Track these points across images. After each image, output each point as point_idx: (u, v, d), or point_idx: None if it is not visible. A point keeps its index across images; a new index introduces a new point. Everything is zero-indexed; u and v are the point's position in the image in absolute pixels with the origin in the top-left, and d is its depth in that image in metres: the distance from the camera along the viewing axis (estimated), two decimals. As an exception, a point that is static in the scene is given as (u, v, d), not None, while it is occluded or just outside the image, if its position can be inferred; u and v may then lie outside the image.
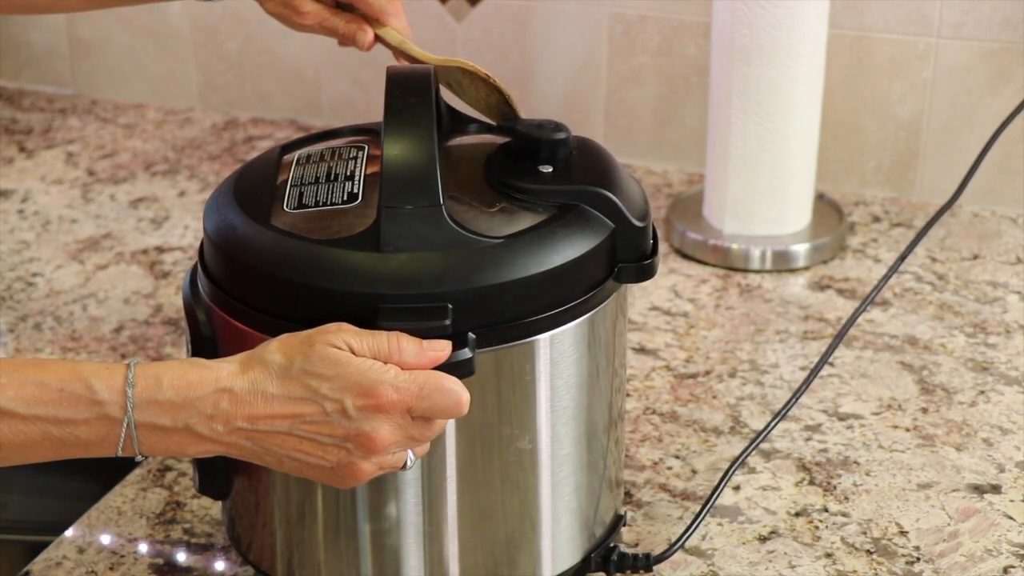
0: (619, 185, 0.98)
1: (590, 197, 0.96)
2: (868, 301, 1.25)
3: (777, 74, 1.53)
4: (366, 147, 1.02)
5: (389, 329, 0.87)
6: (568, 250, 0.93)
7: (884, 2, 1.67)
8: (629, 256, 0.97)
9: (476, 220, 0.93)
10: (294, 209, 0.95)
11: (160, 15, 2.00)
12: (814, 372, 1.21)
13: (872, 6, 1.67)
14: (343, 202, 0.95)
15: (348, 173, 0.98)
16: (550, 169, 0.99)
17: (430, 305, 0.88)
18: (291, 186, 0.98)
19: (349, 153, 1.01)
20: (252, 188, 0.99)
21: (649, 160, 1.84)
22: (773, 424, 1.15)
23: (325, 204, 0.95)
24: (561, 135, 1.00)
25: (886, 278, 1.28)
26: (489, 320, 0.90)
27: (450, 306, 0.88)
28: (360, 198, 0.95)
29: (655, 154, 1.84)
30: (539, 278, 0.91)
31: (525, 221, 0.94)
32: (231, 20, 1.97)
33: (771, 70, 1.52)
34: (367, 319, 0.87)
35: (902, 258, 1.31)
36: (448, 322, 0.88)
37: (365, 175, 0.98)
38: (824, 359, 1.21)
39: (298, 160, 1.02)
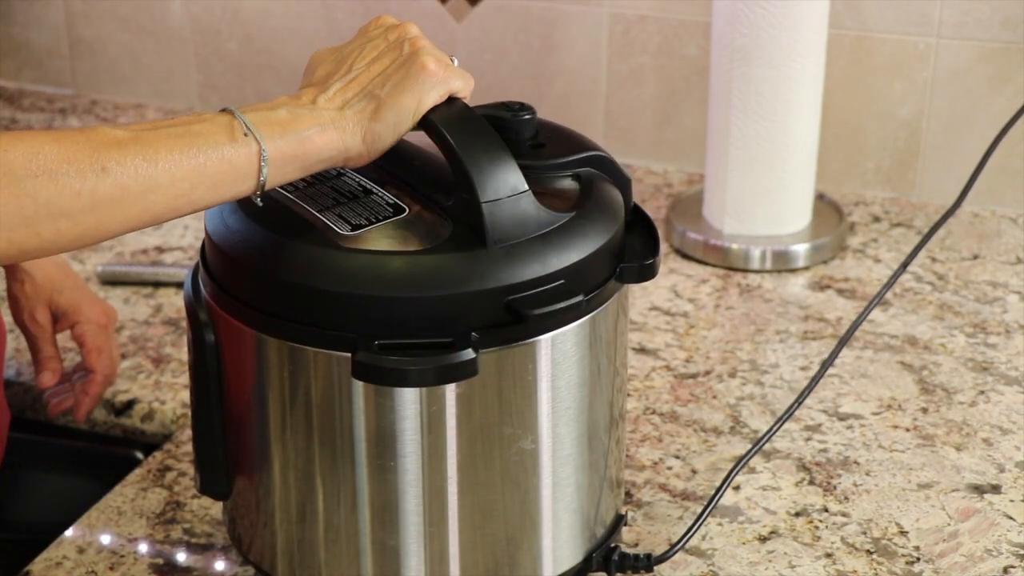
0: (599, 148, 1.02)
1: (596, 161, 0.99)
2: (871, 307, 1.25)
3: (777, 74, 1.53)
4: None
5: None
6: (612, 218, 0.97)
7: (884, 2, 1.67)
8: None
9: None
10: (351, 231, 0.94)
11: (160, 15, 2.00)
12: (816, 377, 1.20)
13: (872, 6, 1.68)
14: (391, 214, 0.96)
15: (359, 188, 0.98)
16: (542, 145, 1.00)
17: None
18: (320, 210, 0.97)
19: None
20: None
21: (649, 160, 1.84)
22: (776, 427, 1.15)
23: (378, 220, 0.95)
24: (527, 115, 1.00)
25: (888, 285, 1.28)
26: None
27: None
28: (407, 209, 0.96)
29: (655, 154, 1.84)
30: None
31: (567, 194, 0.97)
32: (231, 20, 1.97)
33: (771, 70, 1.52)
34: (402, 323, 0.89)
35: (904, 265, 1.31)
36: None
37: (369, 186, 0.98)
38: (828, 364, 1.21)
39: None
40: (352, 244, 0.92)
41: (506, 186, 0.91)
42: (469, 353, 0.88)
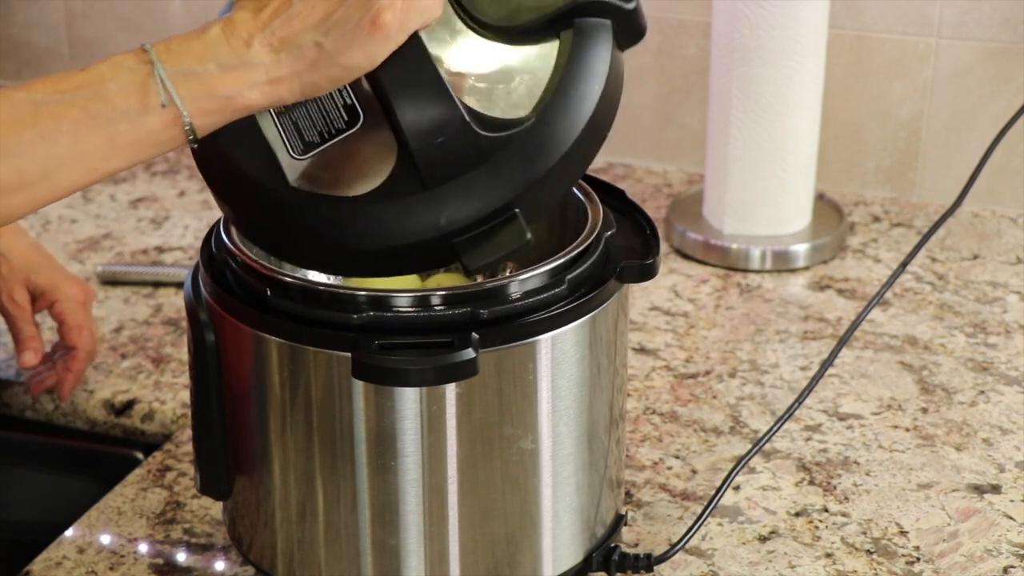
0: None
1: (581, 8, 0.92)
2: (871, 307, 1.25)
3: (777, 74, 1.53)
4: None
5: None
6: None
7: (884, 2, 1.67)
8: (629, 38, 0.94)
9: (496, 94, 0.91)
10: (301, 155, 0.91)
11: (160, 15, 2.00)
12: (816, 377, 1.20)
13: (872, 6, 1.68)
14: (345, 125, 0.91)
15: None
16: None
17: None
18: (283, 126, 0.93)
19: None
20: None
21: (649, 160, 1.84)
22: (776, 427, 1.15)
23: (329, 136, 0.91)
24: None
25: (887, 285, 1.28)
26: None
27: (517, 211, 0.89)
28: (360, 117, 0.91)
29: (655, 154, 1.84)
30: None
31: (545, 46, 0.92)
32: (231, 20, 1.97)
33: (771, 70, 1.52)
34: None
35: (904, 265, 1.31)
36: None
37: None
38: (827, 364, 1.21)
39: None
40: (299, 183, 0.90)
41: (436, 126, 0.87)
42: (469, 353, 0.88)
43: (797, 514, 1.16)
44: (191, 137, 0.85)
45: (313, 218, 0.90)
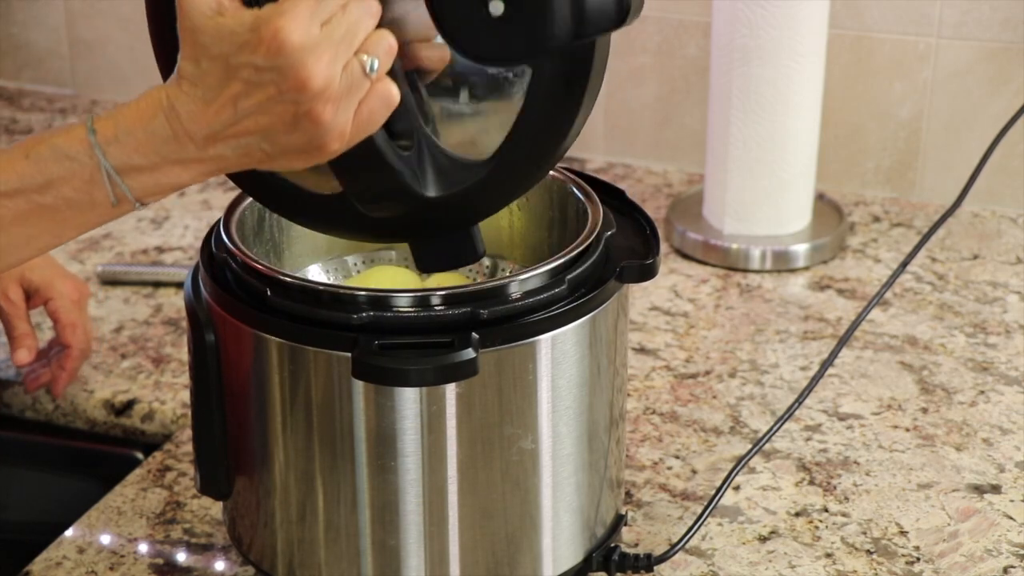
0: None
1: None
2: (871, 307, 1.25)
3: (777, 74, 1.53)
4: None
5: None
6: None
7: (884, 2, 1.67)
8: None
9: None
10: None
11: (160, 15, 2.00)
12: (817, 377, 1.20)
13: (872, 6, 1.67)
14: None
15: None
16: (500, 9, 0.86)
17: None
18: None
19: None
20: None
21: (649, 160, 1.84)
22: (776, 427, 1.15)
23: None
24: None
25: (887, 285, 1.28)
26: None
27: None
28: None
29: (655, 154, 1.83)
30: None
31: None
32: (231, 20, 1.97)
33: (771, 70, 1.52)
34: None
35: (904, 265, 1.31)
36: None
37: None
38: (827, 364, 1.21)
39: None
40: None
41: (378, 194, 0.89)
42: (469, 353, 0.88)
43: (797, 514, 1.16)
44: (138, 206, 0.86)
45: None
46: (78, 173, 0.83)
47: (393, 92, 0.82)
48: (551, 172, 1.04)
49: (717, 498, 1.11)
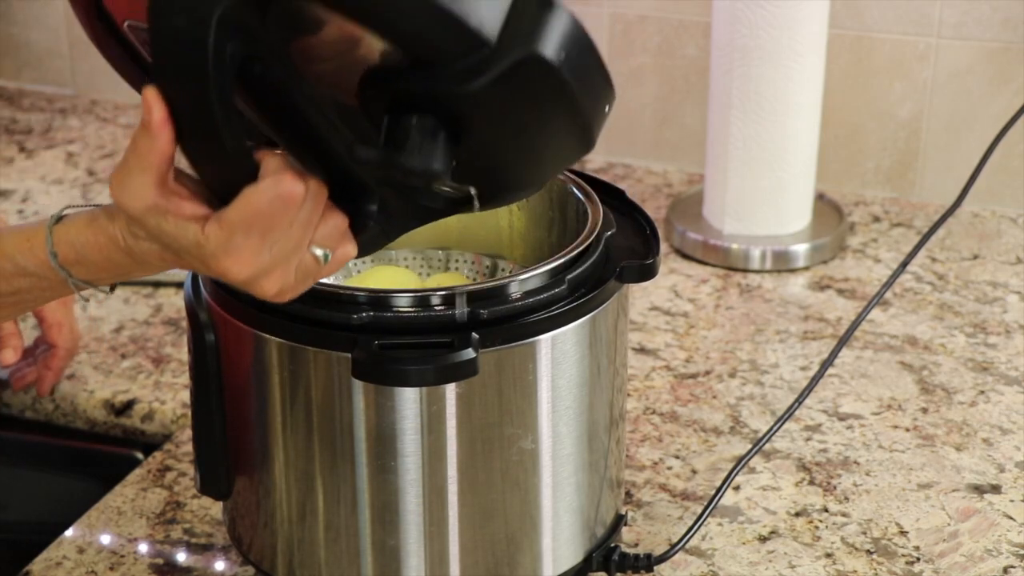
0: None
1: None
2: (871, 307, 1.25)
3: (777, 74, 1.53)
4: None
5: None
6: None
7: (884, 2, 1.67)
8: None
9: None
10: None
11: (160, 15, 2.00)
12: (816, 377, 1.20)
13: (872, 6, 1.67)
14: None
15: None
16: None
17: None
18: None
19: None
20: None
21: (649, 160, 1.84)
22: (776, 427, 1.15)
23: None
24: None
25: (887, 285, 1.28)
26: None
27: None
28: None
29: (655, 154, 1.84)
30: None
31: None
32: (231, 20, 1.97)
33: (771, 70, 1.52)
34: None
35: (904, 265, 1.31)
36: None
37: None
38: (827, 364, 1.21)
39: None
40: None
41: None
42: (469, 353, 0.88)
43: (797, 514, 1.16)
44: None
45: None
46: (45, 284, 0.86)
47: (350, 255, 0.83)
48: None
49: (717, 498, 1.11)
